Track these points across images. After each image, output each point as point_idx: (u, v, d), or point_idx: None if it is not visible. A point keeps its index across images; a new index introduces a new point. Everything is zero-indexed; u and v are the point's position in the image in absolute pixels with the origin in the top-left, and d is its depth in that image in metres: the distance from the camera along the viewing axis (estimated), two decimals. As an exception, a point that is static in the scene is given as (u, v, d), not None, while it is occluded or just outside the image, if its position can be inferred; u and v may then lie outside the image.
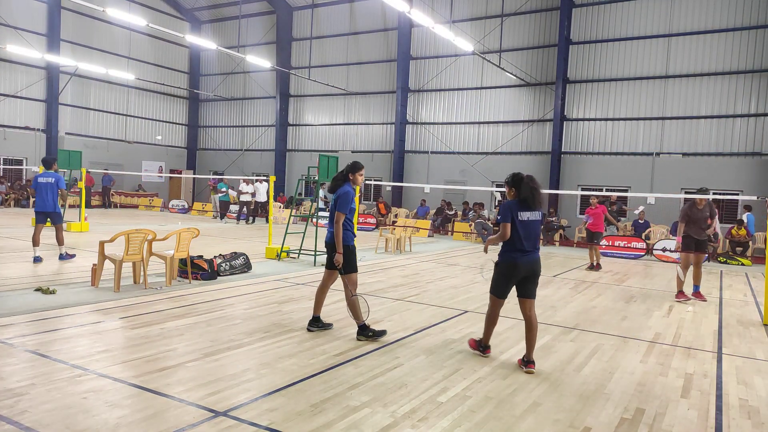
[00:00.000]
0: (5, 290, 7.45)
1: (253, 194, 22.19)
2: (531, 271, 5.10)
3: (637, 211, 18.18)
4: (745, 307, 8.98)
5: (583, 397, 4.51)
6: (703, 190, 9.39)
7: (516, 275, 5.08)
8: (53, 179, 10.01)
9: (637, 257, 15.88)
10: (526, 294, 5.16)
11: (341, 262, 5.77)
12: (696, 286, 9.42)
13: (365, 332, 5.88)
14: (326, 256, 6.07)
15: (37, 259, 9.76)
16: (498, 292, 5.21)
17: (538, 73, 22.17)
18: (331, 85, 26.16)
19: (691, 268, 9.37)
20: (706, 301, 9.27)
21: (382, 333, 5.99)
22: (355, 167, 5.99)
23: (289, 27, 28.56)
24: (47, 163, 10.45)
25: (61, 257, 10.12)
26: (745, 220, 17.22)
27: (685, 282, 9.35)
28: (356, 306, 5.82)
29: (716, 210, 9.30)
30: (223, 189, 23.41)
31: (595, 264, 12.89)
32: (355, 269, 5.92)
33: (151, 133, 31.08)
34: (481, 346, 5.50)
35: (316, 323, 6.18)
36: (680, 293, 9.32)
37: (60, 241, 10.23)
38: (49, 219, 10.04)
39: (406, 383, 4.60)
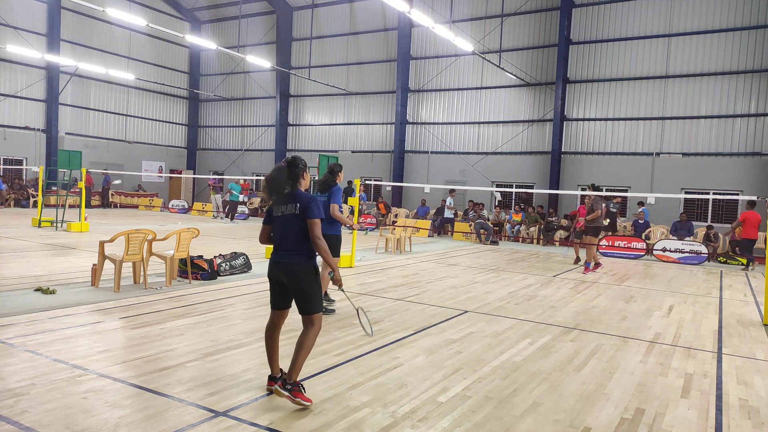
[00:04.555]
0: (5, 290, 7.45)
1: None
2: (278, 276, 4.16)
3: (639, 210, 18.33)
4: (745, 307, 8.98)
5: (583, 397, 4.51)
6: (593, 187, 12.53)
7: (271, 278, 4.23)
8: None
9: (637, 257, 15.87)
10: (297, 307, 4.18)
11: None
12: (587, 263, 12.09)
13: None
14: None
15: None
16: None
17: (538, 73, 22.17)
18: (331, 85, 26.17)
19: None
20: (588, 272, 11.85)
21: (331, 311, 7.05)
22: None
23: (289, 27, 28.56)
24: None
25: None
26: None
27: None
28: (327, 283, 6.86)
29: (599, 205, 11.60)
30: (235, 190, 23.33)
31: (594, 263, 13.07)
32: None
33: (151, 133, 31.09)
34: (272, 378, 4.30)
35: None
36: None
37: None
38: None
39: (406, 383, 4.59)
